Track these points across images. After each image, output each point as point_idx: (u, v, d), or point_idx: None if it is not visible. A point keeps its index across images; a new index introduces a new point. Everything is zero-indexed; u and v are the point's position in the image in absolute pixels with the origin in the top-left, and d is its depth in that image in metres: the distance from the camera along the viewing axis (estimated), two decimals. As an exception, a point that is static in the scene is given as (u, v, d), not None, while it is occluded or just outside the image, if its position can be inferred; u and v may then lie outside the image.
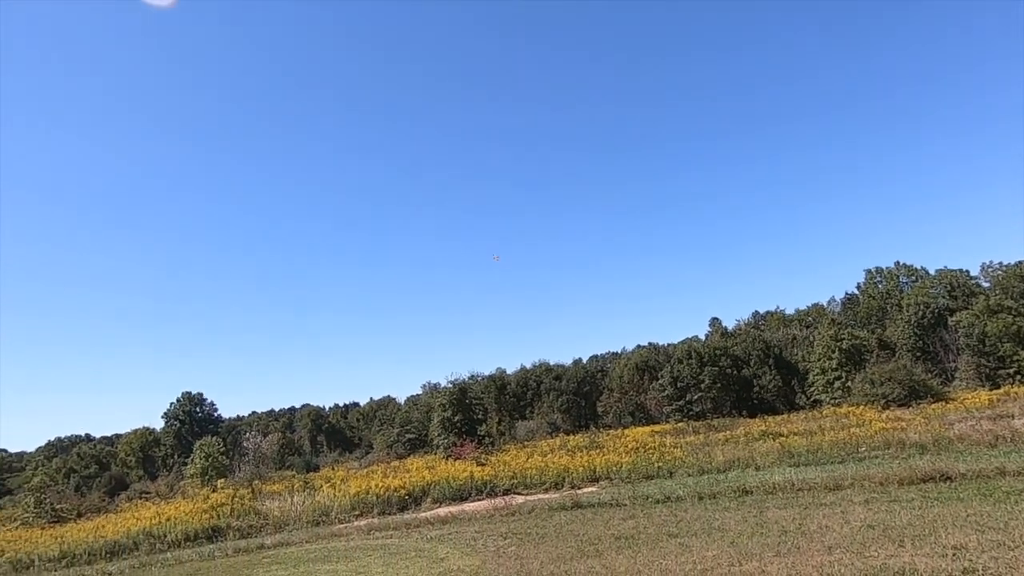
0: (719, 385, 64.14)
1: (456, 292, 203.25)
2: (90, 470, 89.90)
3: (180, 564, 18.91)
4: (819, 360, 59.37)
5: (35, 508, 46.46)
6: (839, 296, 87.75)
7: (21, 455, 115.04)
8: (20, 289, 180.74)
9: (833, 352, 57.71)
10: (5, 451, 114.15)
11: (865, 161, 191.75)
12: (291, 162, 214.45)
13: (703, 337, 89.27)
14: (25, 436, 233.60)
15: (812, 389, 59.90)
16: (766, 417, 50.34)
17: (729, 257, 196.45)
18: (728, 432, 40.66)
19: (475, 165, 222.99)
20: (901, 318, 63.91)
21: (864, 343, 59.43)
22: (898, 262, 79.09)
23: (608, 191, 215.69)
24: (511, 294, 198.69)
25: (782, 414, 54.11)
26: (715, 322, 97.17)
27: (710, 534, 12.30)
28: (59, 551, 25.06)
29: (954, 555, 8.67)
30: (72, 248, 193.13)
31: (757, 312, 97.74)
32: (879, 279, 79.73)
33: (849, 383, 53.33)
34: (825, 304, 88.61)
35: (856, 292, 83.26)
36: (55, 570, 21.98)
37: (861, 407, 43.50)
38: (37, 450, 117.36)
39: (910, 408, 40.55)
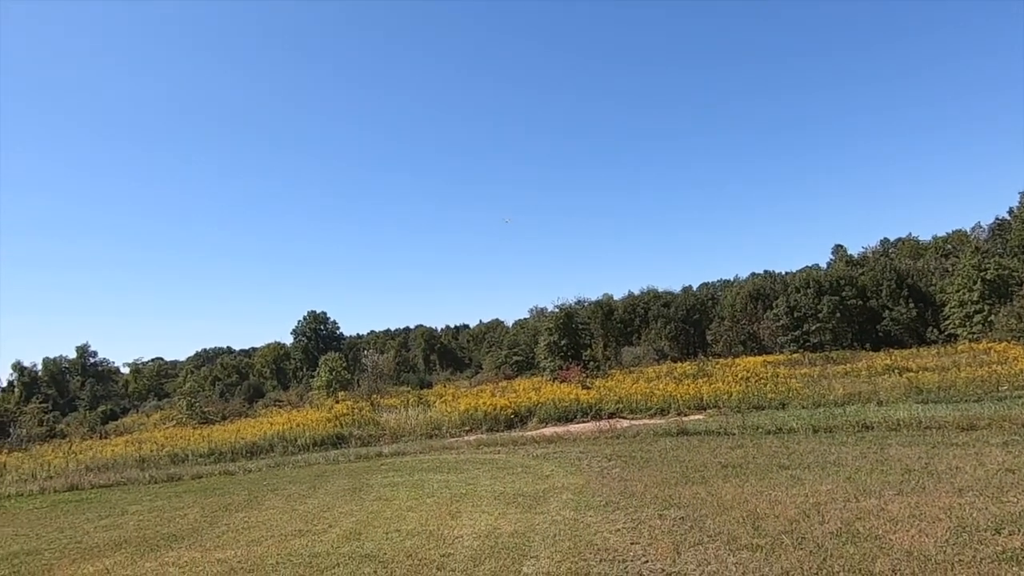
0: (838, 315, 60.75)
1: (564, 217, 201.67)
2: (232, 379, 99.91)
3: (308, 466, 20.69)
4: (957, 291, 54.44)
5: (187, 410, 52.66)
6: (987, 222, 79.40)
7: (175, 363, 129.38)
8: (171, 231, 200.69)
9: (975, 283, 52.65)
10: (162, 359, 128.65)
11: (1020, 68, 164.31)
12: (418, 88, 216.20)
13: (824, 266, 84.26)
14: (178, 346, 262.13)
15: (947, 323, 55.33)
16: (892, 351, 47.26)
17: (854, 180, 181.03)
18: (848, 365, 38.73)
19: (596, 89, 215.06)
20: (1062, 246, 57.10)
21: (1013, 273, 53.80)
22: (1063, 183, 69.89)
23: (723, 111, 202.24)
24: (621, 220, 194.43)
25: (910, 348, 50.74)
26: (839, 249, 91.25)
27: (824, 468, 11.78)
28: (207, 448, 28.28)
29: (1111, 507, 7.79)
30: (208, 195, 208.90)
31: (886, 239, 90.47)
32: (1038, 201, 70.91)
33: (992, 317, 48.83)
34: (968, 231, 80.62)
35: (1007, 217, 74.78)
36: (205, 464, 24.83)
37: (1004, 343, 39.90)
38: (187, 359, 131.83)
39: (1064, 346, 36.66)
